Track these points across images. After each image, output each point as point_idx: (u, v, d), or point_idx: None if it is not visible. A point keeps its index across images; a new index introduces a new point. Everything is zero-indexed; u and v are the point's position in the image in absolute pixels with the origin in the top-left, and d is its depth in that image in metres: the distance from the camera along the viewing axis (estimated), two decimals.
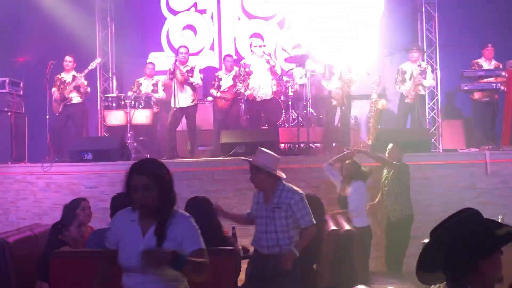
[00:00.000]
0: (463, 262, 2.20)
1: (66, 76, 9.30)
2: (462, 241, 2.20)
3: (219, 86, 9.53)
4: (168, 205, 2.88)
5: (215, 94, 9.50)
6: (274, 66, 8.97)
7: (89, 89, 9.45)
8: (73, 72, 9.34)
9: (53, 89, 9.22)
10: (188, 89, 8.98)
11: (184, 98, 8.91)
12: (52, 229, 5.13)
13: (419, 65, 9.14)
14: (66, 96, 9.15)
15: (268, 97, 8.90)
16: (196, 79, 9.04)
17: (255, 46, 9.06)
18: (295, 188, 4.41)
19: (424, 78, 9.06)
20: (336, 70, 8.89)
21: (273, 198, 4.36)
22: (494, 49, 9.23)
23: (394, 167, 6.56)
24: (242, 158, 4.69)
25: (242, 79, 9.01)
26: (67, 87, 9.14)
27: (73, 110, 9.26)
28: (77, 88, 9.21)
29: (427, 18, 10.92)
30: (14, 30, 10.96)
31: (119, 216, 3.00)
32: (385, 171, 6.75)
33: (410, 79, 9.03)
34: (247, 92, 8.96)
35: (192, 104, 9.04)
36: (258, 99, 8.92)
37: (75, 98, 9.25)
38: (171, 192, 2.90)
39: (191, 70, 9.04)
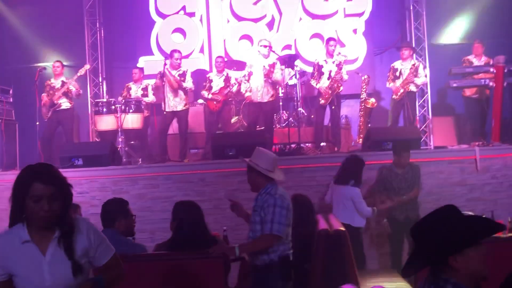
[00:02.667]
0: (434, 256, 2.23)
1: (56, 82, 9.28)
2: (433, 236, 2.23)
3: (210, 88, 9.52)
4: (68, 213, 2.60)
5: (206, 95, 9.49)
6: (271, 73, 8.88)
7: (81, 91, 9.40)
8: (62, 78, 9.32)
9: (43, 95, 9.20)
10: (180, 93, 8.98)
11: (176, 102, 8.91)
12: None
13: (413, 64, 9.16)
14: (55, 101, 9.12)
15: (265, 100, 8.82)
16: (189, 83, 9.03)
17: (261, 46, 8.92)
18: (280, 192, 4.05)
19: (416, 76, 9.09)
20: (325, 69, 8.92)
21: (256, 200, 4.15)
22: (482, 45, 9.27)
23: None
24: (241, 157, 4.47)
25: (247, 79, 8.93)
26: (56, 93, 9.12)
27: (63, 115, 9.23)
28: (66, 94, 9.18)
29: (415, 16, 10.99)
30: (2, 37, 10.94)
31: (1, 243, 2.55)
32: (394, 172, 6.72)
33: (399, 77, 9.06)
34: (247, 94, 8.91)
35: (184, 108, 9.04)
36: (255, 101, 8.86)
37: (65, 103, 9.22)
38: (72, 199, 2.63)
39: (183, 74, 9.04)
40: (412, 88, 9.17)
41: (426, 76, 9.69)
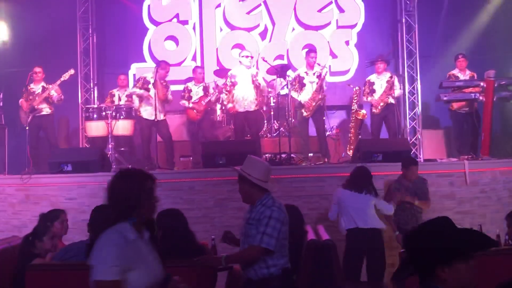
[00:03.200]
0: (422, 265, 2.25)
1: (36, 87, 9.22)
2: (422, 245, 2.24)
3: (189, 97, 9.53)
4: None
5: (186, 105, 9.48)
6: (260, 84, 8.98)
7: (63, 97, 9.29)
8: (42, 83, 9.26)
9: (21, 100, 9.13)
10: (162, 102, 9.06)
11: (159, 112, 8.90)
12: (23, 241, 5.06)
13: (390, 77, 9.25)
14: (36, 107, 9.05)
15: (251, 109, 8.89)
16: (169, 95, 9.18)
17: (242, 56, 9.03)
18: (277, 204, 3.85)
19: (393, 91, 9.20)
20: (306, 81, 8.95)
21: (250, 213, 3.92)
22: (466, 59, 9.36)
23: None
24: (231, 166, 4.23)
25: (228, 89, 9.00)
26: (37, 98, 9.06)
27: (44, 121, 9.18)
28: (46, 99, 9.12)
29: (407, 29, 11.05)
30: None
31: (122, 240, 2.69)
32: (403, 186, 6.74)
33: (375, 91, 9.18)
34: (229, 105, 8.97)
35: (164, 117, 9.14)
36: (242, 110, 8.91)
37: (45, 109, 9.17)
38: None
39: (167, 85, 9.11)
40: (391, 100, 9.26)
41: (400, 88, 9.81)
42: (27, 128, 8.88)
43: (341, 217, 6.28)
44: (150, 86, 8.88)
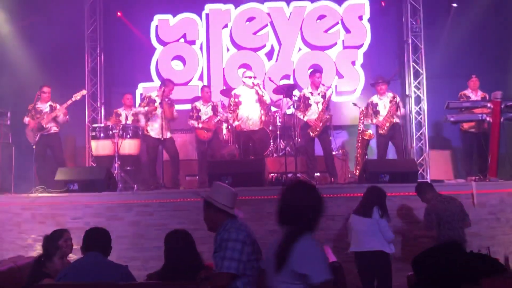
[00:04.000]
0: None
1: (43, 106, 9.27)
2: (431, 269, 2.21)
3: (198, 117, 9.53)
4: None
5: (196, 125, 9.47)
6: (262, 96, 9.00)
7: (68, 118, 9.34)
8: (50, 102, 9.31)
9: (27, 119, 9.16)
10: (170, 122, 9.08)
11: (165, 130, 8.91)
12: (34, 262, 5.06)
13: (393, 97, 9.26)
14: (45, 125, 9.10)
15: (256, 128, 8.89)
16: (175, 113, 9.19)
17: (245, 77, 9.08)
18: (236, 225, 3.70)
19: (398, 110, 9.19)
20: (312, 101, 8.95)
21: (215, 242, 3.75)
22: (478, 79, 9.32)
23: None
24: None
25: (232, 109, 9.03)
26: (45, 117, 9.10)
27: (52, 139, 9.23)
28: (54, 118, 9.17)
29: (414, 49, 11.07)
30: (1, 59, 10.97)
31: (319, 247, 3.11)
32: None
33: (378, 112, 9.17)
34: (235, 123, 8.98)
35: (171, 136, 9.14)
36: (246, 130, 8.91)
37: (53, 128, 9.21)
38: None
39: (172, 104, 9.13)
40: (396, 120, 9.23)
41: (403, 107, 9.86)
42: (34, 146, 8.89)
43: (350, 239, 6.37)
44: (157, 104, 8.90)
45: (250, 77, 8.97)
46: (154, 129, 8.96)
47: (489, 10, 10.87)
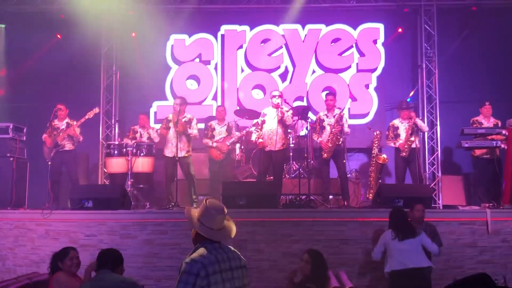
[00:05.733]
0: None
1: (60, 123, 9.36)
2: None
3: (212, 136, 9.54)
4: None
5: (210, 144, 9.48)
6: (283, 114, 8.88)
7: (81, 138, 9.38)
8: (67, 120, 9.39)
9: (44, 136, 9.23)
10: (184, 139, 8.98)
11: (180, 148, 8.86)
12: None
13: (414, 121, 9.28)
14: (60, 142, 9.17)
15: (275, 149, 8.83)
16: (194, 130, 9.06)
17: (271, 96, 9.04)
18: (196, 254, 3.49)
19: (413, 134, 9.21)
20: (326, 124, 8.96)
21: None
22: (491, 106, 9.31)
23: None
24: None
25: (259, 127, 8.98)
26: (61, 134, 9.17)
27: (67, 156, 9.29)
28: (70, 136, 9.24)
29: (427, 74, 11.16)
30: (18, 76, 11.10)
31: None
32: None
33: (399, 135, 9.16)
34: (259, 141, 8.91)
35: (186, 154, 9.04)
36: (267, 149, 8.87)
37: (68, 145, 9.27)
38: None
39: (189, 121, 9.06)
40: (414, 144, 9.22)
41: (425, 122, 9.82)
42: (49, 163, 8.96)
43: (387, 258, 6.41)
44: (171, 124, 8.94)
45: (275, 96, 8.88)
46: (167, 148, 8.99)
47: (502, 36, 10.92)
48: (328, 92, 9.66)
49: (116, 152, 9.37)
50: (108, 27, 11.40)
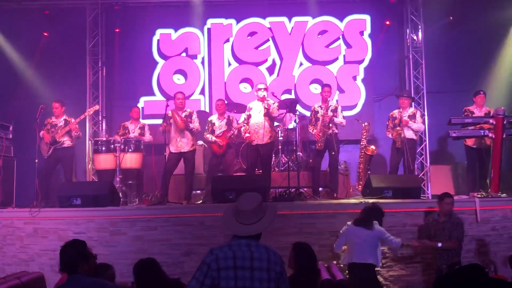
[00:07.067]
0: None
1: (58, 120, 9.29)
2: None
3: (213, 131, 9.50)
4: None
5: (210, 139, 9.44)
6: (269, 109, 8.90)
7: (80, 134, 9.39)
8: (65, 116, 9.33)
9: (42, 132, 9.17)
10: (187, 134, 8.94)
11: (183, 143, 8.89)
12: None
13: (413, 112, 9.27)
14: (58, 139, 9.11)
15: (263, 142, 8.83)
16: (196, 123, 9.02)
17: (257, 89, 9.02)
18: (217, 246, 3.59)
19: (413, 121, 9.16)
20: (320, 115, 8.97)
21: None
22: (485, 96, 9.31)
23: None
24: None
25: (246, 121, 8.97)
26: (59, 131, 9.11)
27: (64, 153, 9.22)
28: (68, 133, 9.18)
29: (414, 65, 11.17)
30: (4, 74, 10.97)
31: None
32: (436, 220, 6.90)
33: (399, 124, 9.11)
34: (246, 135, 8.91)
35: (191, 149, 9.02)
36: (254, 143, 8.87)
37: (66, 142, 9.22)
38: None
39: (190, 115, 9.02)
40: (412, 136, 9.20)
41: (423, 123, 9.73)
42: (39, 160, 8.89)
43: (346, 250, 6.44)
44: (172, 121, 8.91)
45: (260, 89, 8.88)
46: (172, 145, 8.94)
47: (488, 25, 10.95)
48: (324, 84, 9.60)
49: (104, 148, 9.29)
50: (93, 22, 11.31)
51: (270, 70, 11.48)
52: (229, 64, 11.55)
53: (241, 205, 3.60)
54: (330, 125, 8.87)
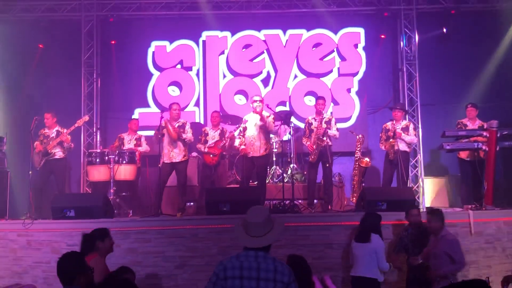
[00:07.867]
0: None
1: (50, 131, 9.28)
2: None
3: (205, 141, 9.50)
4: None
5: (202, 149, 9.44)
6: (265, 122, 8.86)
7: (72, 145, 9.37)
8: (57, 128, 9.31)
9: (36, 143, 9.15)
10: (180, 144, 8.93)
11: (175, 154, 8.88)
12: None
13: (406, 124, 9.29)
14: (50, 151, 9.09)
15: (258, 154, 8.82)
16: (189, 134, 9.01)
17: (252, 101, 9.02)
18: (227, 257, 3.82)
19: (406, 134, 9.17)
20: (314, 127, 8.98)
21: None
22: (475, 108, 9.34)
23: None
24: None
25: (242, 134, 8.97)
26: (51, 142, 9.09)
27: (56, 165, 9.19)
28: (60, 144, 9.16)
29: (408, 77, 11.23)
30: None
31: None
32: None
33: (393, 137, 9.12)
34: (241, 147, 8.90)
35: (183, 159, 9.01)
36: (250, 155, 8.86)
37: (58, 153, 9.20)
38: None
39: (183, 126, 9.03)
40: (405, 148, 9.22)
41: (416, 135, 9.75)
42: (34, 171, 8.86)
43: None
44: (165, 131, 8.90)
45: (255, 101, 8.85)
46: (165, 155, 8.91)
47: (481, 38, 11.03)
48: (318, 96, 9.63)
49: (98, 160, 9.26)
50: (88, 34, 11.33)
51: (265, 82, 11.52)
52: (224, 76, 11.59)
53: (250, 218, 3.77)
54: (324, 137, 8.88)
